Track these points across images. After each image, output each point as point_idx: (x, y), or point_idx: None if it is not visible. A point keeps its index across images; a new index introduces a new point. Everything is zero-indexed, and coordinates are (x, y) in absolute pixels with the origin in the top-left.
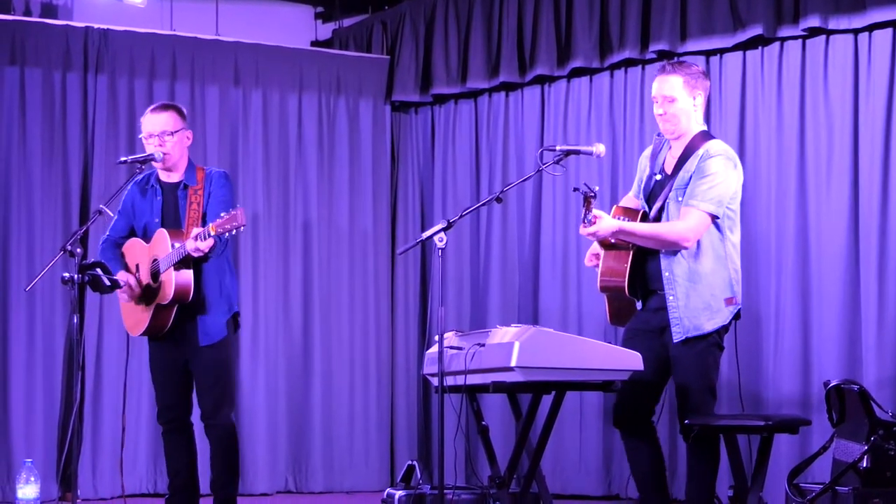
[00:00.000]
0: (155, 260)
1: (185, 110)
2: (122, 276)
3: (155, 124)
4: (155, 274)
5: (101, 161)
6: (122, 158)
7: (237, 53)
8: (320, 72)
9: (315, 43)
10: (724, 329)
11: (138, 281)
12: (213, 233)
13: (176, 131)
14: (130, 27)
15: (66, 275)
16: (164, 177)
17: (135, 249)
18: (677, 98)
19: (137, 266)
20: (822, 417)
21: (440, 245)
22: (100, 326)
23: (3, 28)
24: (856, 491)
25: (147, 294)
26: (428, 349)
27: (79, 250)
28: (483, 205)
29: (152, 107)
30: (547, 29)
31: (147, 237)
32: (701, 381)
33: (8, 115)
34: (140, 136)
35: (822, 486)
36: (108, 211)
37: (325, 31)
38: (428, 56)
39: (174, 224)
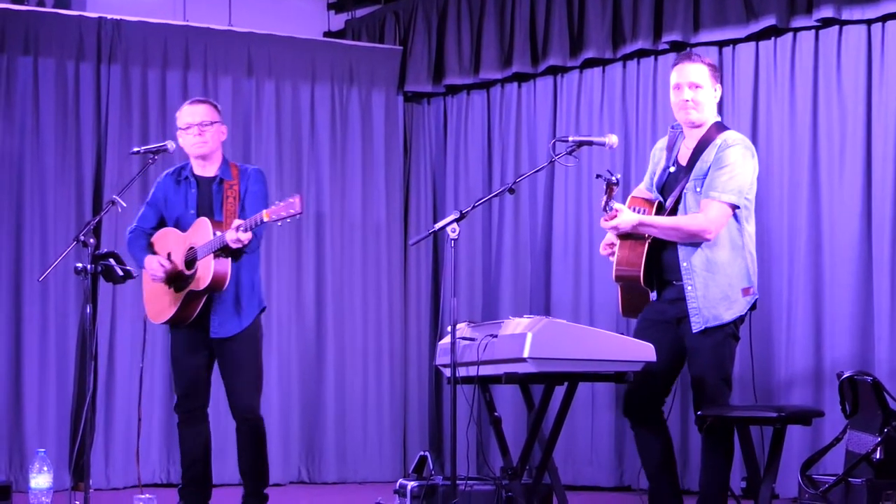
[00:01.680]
0: (191, 248)
1: (219, 107)
2: (150, 259)
3: (194, 114)
4: (190, 262)
5: (114, 151)
6: (136, 149)
7: (250, 44)
8: (333, 62)
9: (328, 33)
10: (740, 319)
11: (173, 266)
12: (266, 219)
13: (213, 122)
14: (143, 17)
15: (79, 265)
16: (199, 170)
17: (168, 238)
18: (703, 86)
19: (169, 255)
20: (836, 409)
21: (453, 236)
22: (113, 316)
23: (17, 18)
24: (869, 482)
25: (178, 281)
26: (440, 340)
27: (92, 240)
28: (495, 196)
29: (190, 100)
30: (560, 19)
31: (180, 228)
32: (717, 372)
33: (21, 106)
34: (178, 129)
35: (835, 478)
36: (120, 201)
37: (338, 21)
38: (440, 46)
39: (208, 216)
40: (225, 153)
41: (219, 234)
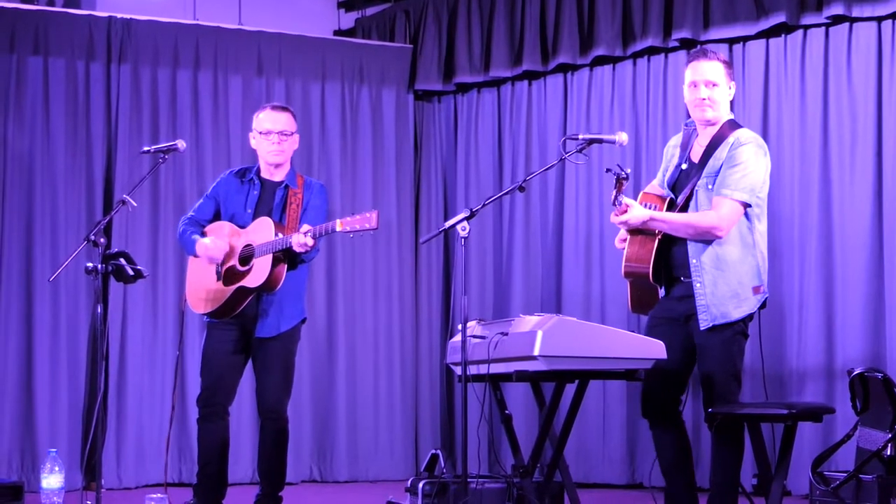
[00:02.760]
0: (249, 245)
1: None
2: (212, 241)
3: (276, 121)
4: (246, 258)
5: (124, 151)
6: (146, 148)
7: (260, 43)
8: (343, 61)
9: (338, 32)
10: (749, 317)
11: (231, 253)
12: (338, 229)
13: (294, 132)
14: (153, 17)
15: (90, 264)
16: (267, 174)
17: (223, 231)
18: (719, 84)
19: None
20: (846, 406)
21: (463, 234)
22: (123, 316)
23: (27, 18)
24: (880, 479)
25: (229, 275)
26: (451, 338)
27: (102, 240)
28: (506, 194)
29: (273, 105)
30: (569, 17)
31: (237, 225)
32: (726, 369)
33: (32, 105)
34: (256, 130)
35: (846, 475)
36: (131, 201)
37: (348, 20)
38: (451, 45)
39: None
40: (232, 151)
41: (281, 236)
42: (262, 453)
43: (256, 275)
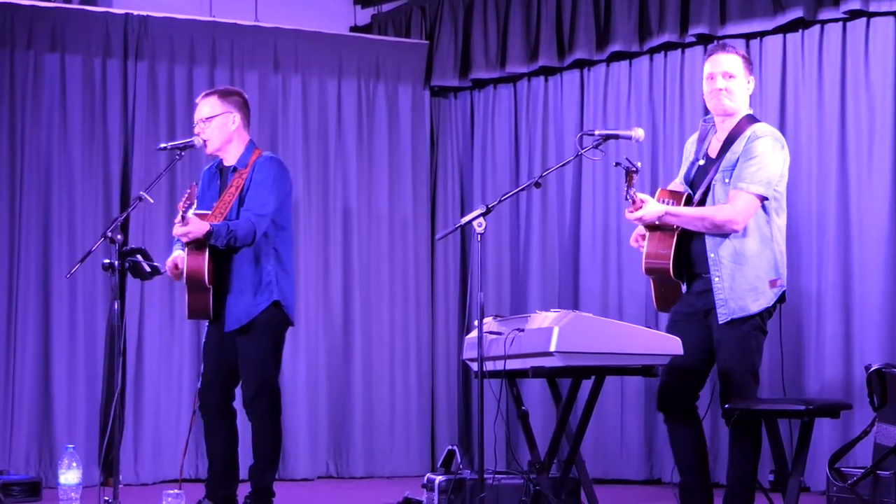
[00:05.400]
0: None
1: (232, 91)
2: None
3: (197, 111)
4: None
5: (141, 148)
6: (162, 145)
7: (277, 39)
8: (359, 57)
9: (354, 28)
10: (767, 313)
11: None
12: (179, 211)
13: (214, 116)
14: (170, 13)
15: (107, 261)
16: (225, 161)
17: None
18: (736, 76)
19: None
20: (864, 401)
21: (479, 230)
22: (141, 313)
23: (44, 15)
24: None
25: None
26: (467, 334)
27: (119, 237)
28: (522, 190)
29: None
30: (586, 13)
31: None
32: (744, 365)
33: (49, 103)
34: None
35: (863, 471)
36: (147, 197)
37: (364, 16)
38: (467, 41)
39: None
40: (253, 139)
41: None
42: (251, 448)
43: (184, 271)
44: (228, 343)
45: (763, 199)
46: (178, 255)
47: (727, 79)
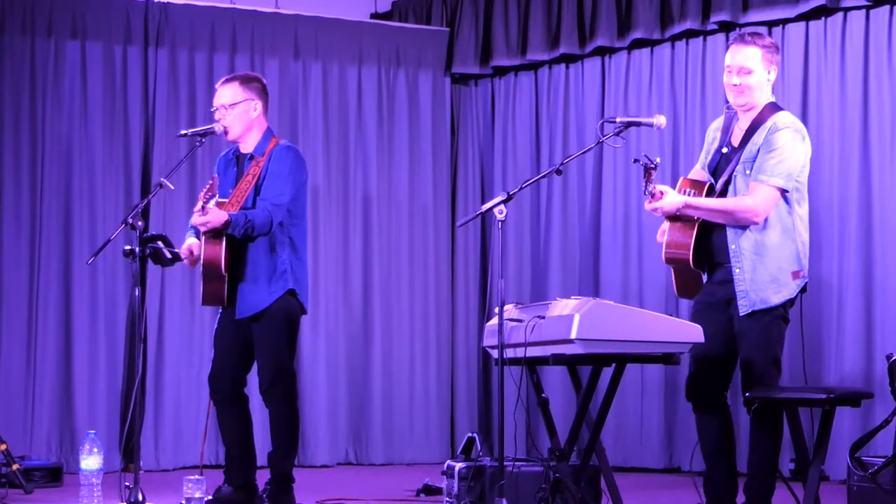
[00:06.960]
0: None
1: (253, 77)
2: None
3: (217, 97)
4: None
5: (161, 134)
6: (182, 132)
7: (297, 26)
8: (380, 44)
9: (374, 15)
10: (789, 302)
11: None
12: (199, 201)
13: (236, 103)
14: (190, 1)
15: (128, 247)
16: (242, 148)
17: None
18: (754, 70)
19: None
20: (885, 391)
21: (500, 217)
22: (161, 299)
23: (65, 3)
24: None
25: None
26: (488, 321)
27: (140, 223)
28: (543, 177)
29: (222, 80)
30: (607, 0)
31: None
32: (766, 354)
33: (70, 90)
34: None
35: (884, 460)
36: (168, 184)
37: (385, 3)
38: (488, 28)
39: None
40: (273, 126)
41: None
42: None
43: (200, 259)
44: (241, 330)
45: (784, 191)
46: (193, 241)
47: (742, 75)
